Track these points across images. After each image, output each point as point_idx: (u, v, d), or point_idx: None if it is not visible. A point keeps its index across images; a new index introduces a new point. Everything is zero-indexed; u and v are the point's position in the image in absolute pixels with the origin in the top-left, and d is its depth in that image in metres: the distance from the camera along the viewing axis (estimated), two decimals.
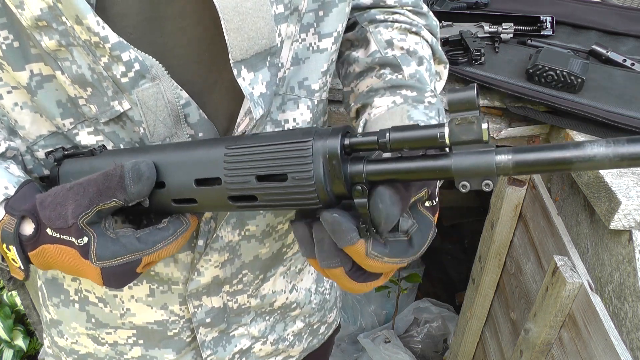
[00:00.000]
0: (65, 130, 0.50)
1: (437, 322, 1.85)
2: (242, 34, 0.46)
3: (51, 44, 0.44)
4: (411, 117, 0.52)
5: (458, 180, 0.37)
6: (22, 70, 0.46)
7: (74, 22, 0.43)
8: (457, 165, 0.36)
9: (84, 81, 0.46)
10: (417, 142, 0.38)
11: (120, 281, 0.47)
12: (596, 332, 0.82)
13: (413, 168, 0.38)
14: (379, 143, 0.38)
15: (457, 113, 0.35)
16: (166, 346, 0.66)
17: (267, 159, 0.41)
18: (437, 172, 0.37)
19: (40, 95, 0.48)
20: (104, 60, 0.45)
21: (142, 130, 0.49)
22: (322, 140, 0.40)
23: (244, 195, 0.43)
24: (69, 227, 0.44)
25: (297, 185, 0.40)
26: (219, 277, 0.62)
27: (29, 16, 0.43)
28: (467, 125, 0.35)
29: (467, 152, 0.36)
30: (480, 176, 0.36)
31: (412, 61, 0.59)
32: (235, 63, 0.48)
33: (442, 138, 0.36)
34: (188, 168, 0.44)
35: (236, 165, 0.42)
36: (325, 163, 0.40)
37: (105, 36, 0.43)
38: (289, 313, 0.75)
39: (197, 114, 0.51)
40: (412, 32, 0.62)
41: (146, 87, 0.47)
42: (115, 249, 0.45)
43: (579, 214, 1.04)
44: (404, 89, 0.56)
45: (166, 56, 0.48)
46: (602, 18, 1.32)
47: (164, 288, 0.61)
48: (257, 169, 0.42)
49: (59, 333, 0.68)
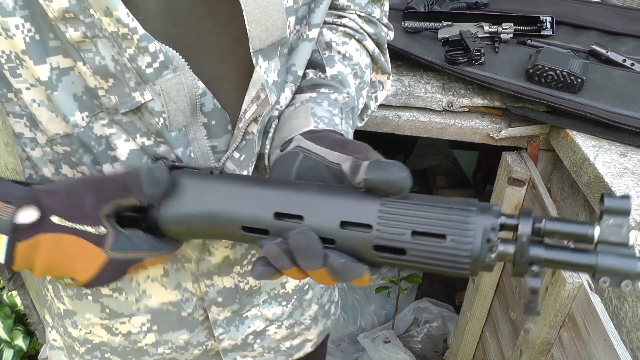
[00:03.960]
0: (83, 125, 0.50)
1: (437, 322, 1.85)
2: (261, 25, 0.49)
3: (76, 35, 0.45)
4: (315, 114, 0.55)
5: (599, 275, 0.40)
6: (43, 63, 0.47)
7: (102, 14, 0.44)
8: (603, 264, 0.40)
9: (106, 72, 0.47)
10: (568, 235, 0.42)
11: (113, 276, 0.49)
12: (596, 332, 0.82)
13: (572, 260, 0.42)
14: (534, 227, 0.42)
15: (611, 215, 0.40)
16: (180, 327, 0.67)
17: (428, 217, 0.42)
18: (584, 268, 0.41)
19: (60, 89, 0.48)
20: (129, 52, 0.46)
21: (161, 120, 0.51)
22: (483, 214, 0.42)
23: (393, 246, 0.43)
24: (87, 216, 0.46)
25: (454, 247, 0.42)
26: (229, 257, 0.64)
27: (57, 8, 0.43)
28: (616, 228, 0.40)
29: (612, 253, 0.40)
30: (622, 277, 0.40)
31: (339, 64, 0.62)
32: (254, 52, 0.50)
33: (592, 236, 0.41)
34: (335, 209, 0.45)
35: (392, 216, 0.43)
36: (484, 236, 0.42)
37: (135, 27, 0.45)
38: (304, 297, 0.76)
39: (212, 103, 0.53)
40: (355, 38, 0.65)
41: (169, 78, 0.48)
42: (126, 244, 0.48)
43: (578, 214, 1.04)
44: (323, 87, 0.59)
45: (180, 47, 0.49)
46: (602, 18, 1.32)
47: (178, 266, 0.63)
48: (414, 225, 0.42)
49: (73, 324, 0.69)
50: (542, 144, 1.14)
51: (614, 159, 0.94)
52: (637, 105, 1.00)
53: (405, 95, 1.12)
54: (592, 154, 0.96)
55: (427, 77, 1.17)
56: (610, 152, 0.96)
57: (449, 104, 1.11)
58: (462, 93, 1.12)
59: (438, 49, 1.17)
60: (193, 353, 0.71)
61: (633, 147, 0.97)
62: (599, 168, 0.92)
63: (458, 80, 1.15)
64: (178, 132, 0.52)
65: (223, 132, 0.56)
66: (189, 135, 0.53)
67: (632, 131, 0.96)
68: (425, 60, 1.13)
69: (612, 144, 0.99)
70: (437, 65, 1.11)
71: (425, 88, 1.13)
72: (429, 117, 1.14)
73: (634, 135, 0.97)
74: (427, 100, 1.11)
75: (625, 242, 0.40)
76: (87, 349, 0.70)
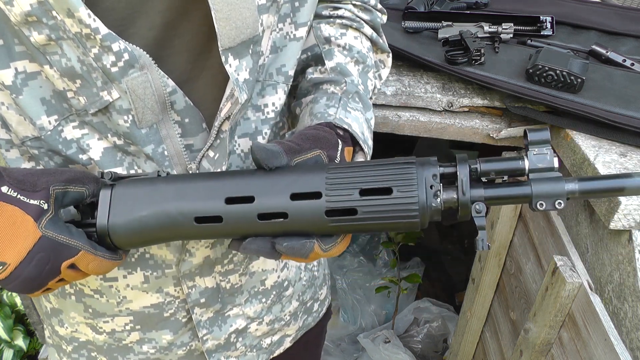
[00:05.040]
0: (50, 129, 0.51)
1: (437, 322, 1.85)
2: (230, 23, 0.49)
3: (40, 39, 0.46)
4: (312, 112, 0.58)
5: (535, 201, 0.45)
6: (6, 68, 0.47)
7: (64, 15, 0.44)
8: (537, 191, 0.45)
9: (73, 73, 0.48)
10: (503, 172, 0.46)
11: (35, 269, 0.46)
12: (596, 332, 0.82)
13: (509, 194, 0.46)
14: (471, 170, 0.46)
15: (534, 146, 0.45)
16: (163, 327, 0.67)
17: (372, 175, 0.45)
18: (522, 198, 0.46)
19: (26, 93, 0.49)
20: (94, 52, 0.46)
21: (129, 119, 0.51)
22: (423, 166, 0.46)
23: (343, 208, 0.45)
24: (36, 191, 0.46)
25: (401, 197, 0.45)
26: (210, 257, 0.64)
27: (19, 12, 0.44)
28: (542, 156, 0.45)
29: (541, 180, 0.45)
30: (555, 198, 0.45)
31: (338, 56, 0.64)
32: (224, 51, 0.51)
33: (523, 168, 0.46)
34: (282, 186, 0.47)
35: (339, 180, 0.46)
36: (427, 184, 0.46)
37: (96, 28, 0.45)
38: (284, 293, 0.76)
39: (183, 100, 0.53)
40: (352, 28, 0.66)
41: (135, 76, 0.49)
42: (63, 229, 0.47)
43: (578, 213, 1.04)
44: (325, 84, 0.62)
45: (154, 48, 0.50)
46: (602, 18, 1.32)
47: (158, 273, 0.62)
48: (361, 184, 0.45)
49: (59, 322, 0.69)
50: None
51: (614, 159, 0.94)
52: (637, 105, 1.00)
53: (405, 95, 1.12)
54: (592, 154, 0.96)
55: (427, 77, 1.17)
56: (610, 152, 0.96)
57: (449, 104, 1.11)
58: (462, 93, 1.12)
59: (438, 49, 1.17)
60: (177, 353, 0.71)
61: (633, 147, 0.97)
62: (599, 168, 0.92)
63: (458, 80, 1.15)
64: (149, 130, 0.53)
65: (198, 131, 0.56)
66: (160, 133, 0.54)
67: (632, 131, 0.96)
68: (425, 60, 1.13)
69: (612, 144, 0.99)
70: (437, 65, 1.11)
71: (425, 88, 1.13)
72: (429, 117, 1.14)
73: (634, 135, 0.97)
74: (427, 100, 1.11)
75: (552, 166, 0.45)
76: (74, 347, 0.71)
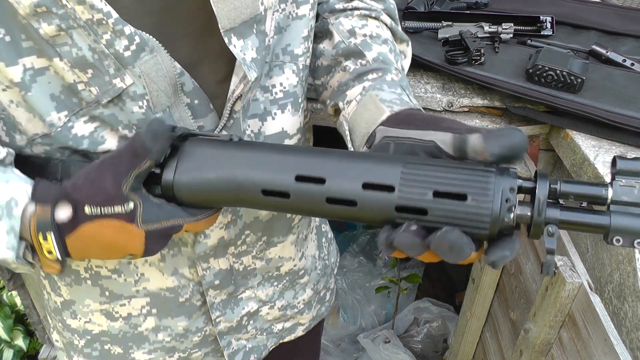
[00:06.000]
0: (60, 125, 0.51)
1: (437, 322, 1.85)
2: (227, 4, 0.50)
3: (50, 30, 0.45)
4: (383, 99, 0.55)
5: (612, 235, 0.42)
6: (15, 65, 0.47)
7: (75, 2, 0.44)
8: (616, 225, 0.41)
9: (84, 63, 0.48)
10: (583, 197, 0.43)
11: (160, 244, 0.50)
12: (596, 332, 0.82)
13: (585, 221, 0.43)
14: (550, 189, 0.43)
15: (622, 176, 0.42)
16: (179, 314, 0.68)
17: (449, 177, 0.43)
18: (598, 228, 0.42)
19: (34, 90, 0.48)
20: (106, 38, 0.47)
21: (145, 104, 0.51)
22: (502, 176, 0.43)
23: (415, 207, 0.43)
24: (112, 198, 0.46)
25: (475, 207, 0.42)
26: (224, 238, 0.64)
27: (28, 3, 0.43)
28: (629, 189, 0.42)
29: (623, 213, 0.42)
30: (634, 236, 0.41)
31: (374, 45, 0.62)
32: (225, 32, 0.51)
33: (605, 197, 0.42)
34: (356, 172, 0.45)
35: (414, 177, 0.44)
36: (503, 196, 0.43)
37: (109, 12, 0.45)
38: (298, 280, 0.77)
39: (191, 82, 0.54)
40: (371, 17, 0.65)
41: (147, 59, 0.49)
42: (160, 213, 0.48)
43: None
44: (370, 73, 0.60)
45: (157, 31, 0.50)
46: (602, 18, 1.32)
47: (174, 251, 0.63)
48: (436, 185, 0.43)
49: (72, 314, 0.68)
50: (542, 144, 1.14)
51: None
52: (637, 105, 1.00)
53: None
54: (592, 154, 0.96)
55: (427, 77, 1.17)
56: (610, 152, 0.96)
57: (449, 104, 1.11)
58: (462, 93, 1.12)
59: (438, 49, 1.17)
60: (192, 340, 0.71)
61: (633, 147, 0.97)
62: (599, 168, 0.92)
63: (458, 80, 1.15)
64: (163, 114, 0.53)
65: (207, 112, 0.56)
66: (174, 116, 0.54)
67: (632, 131, 0.96)
68: (425, 60, 1.13)
69: (612, 144, 0.99)
70: (437, 65, 1.11)
71: (425, 88, 1.13)
72: None
73: (634, 135, 0.97)
74: (427, 100, 1.11)
75: (638, 201, 0.41)
76: (87, 341, 0.70)
